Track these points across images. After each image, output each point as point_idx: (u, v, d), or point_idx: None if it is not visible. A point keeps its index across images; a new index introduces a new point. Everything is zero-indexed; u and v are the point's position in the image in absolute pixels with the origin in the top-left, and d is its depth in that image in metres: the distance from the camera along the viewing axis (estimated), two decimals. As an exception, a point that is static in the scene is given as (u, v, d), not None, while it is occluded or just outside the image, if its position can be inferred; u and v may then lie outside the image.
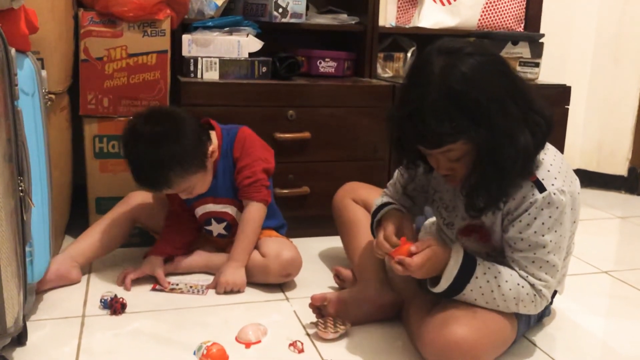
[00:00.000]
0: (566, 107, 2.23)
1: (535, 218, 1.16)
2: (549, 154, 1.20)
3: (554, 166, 1.18)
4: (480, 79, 1.08)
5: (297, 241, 1.69)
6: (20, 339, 1.22)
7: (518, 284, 1.18)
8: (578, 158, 2.78)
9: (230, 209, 1.64)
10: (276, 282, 1.56)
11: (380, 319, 1.40)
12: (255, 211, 1.60)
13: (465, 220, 1.28)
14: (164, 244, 1.60)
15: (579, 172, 2.78)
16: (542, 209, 1.15)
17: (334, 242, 1.79)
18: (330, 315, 1.35)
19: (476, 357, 1.15)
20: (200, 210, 1.65)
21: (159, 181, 1.46)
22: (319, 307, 1.37)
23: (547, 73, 2.37)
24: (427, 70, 1.10)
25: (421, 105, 1.07)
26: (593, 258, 1.89)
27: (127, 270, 1.56)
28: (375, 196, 1.48)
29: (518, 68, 2.24)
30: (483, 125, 1.07)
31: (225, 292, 1.52)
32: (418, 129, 1.09)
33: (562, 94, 2.22)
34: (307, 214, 1.91)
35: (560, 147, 2.26)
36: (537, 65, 2.27)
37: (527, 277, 1.19)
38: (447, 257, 1.18)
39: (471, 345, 1.14)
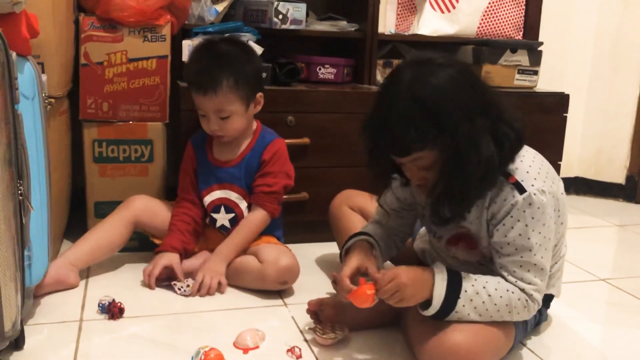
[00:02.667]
0: (564, 115, 2.24)
1: (518, 220, 1.17)
2: (527, 155, 1.21)
3: (533, 167, 1.19)
4: (448, 89, 1.10)
5: (295, 247, 1.69)
6: (17, 343, 1.22)
7: (507, 290, 1.18)
8: (576, 166, 2.79)
9: (242, 204, 1.66)
10: (273, 288, 1.56)
11: (377, 325, 1.40)
12: (259, 218, 1.62)
13: (452, 230, 1.28)
14: (175, 239, 1.60)
15: (577, 180, 2.80)
16: (524, 211, 1.16)
17: (333, 248, 1.79)
18: (328, 320, 1.35)
19: None
20: (213, 196, 1.66)
21: (211, 77, 1.54)
22: (316, 312, 1.37)
23: (546, 81, 2.39)
24: (397, 80, 1.13)
25: (389, 114, 1.10)
26: (591, 265, 1.89)
27: (147, 270, 1.57)
28: (372, 203, 1.48)
29: (517, 76, 2.26)
30: (448, 133, 1.09)
31: (202, 289, 1.52)
32: (387, 137, 1.12)
33: (560, 101, 2.23)
34: (305, 220, 1.91)
35: (559, 154, 2.27)
36: (535, 73, 2.28)
37: (516, 282, 1.19)
38: (429, 279, 1.17)
39: (468, 352, 1.14)
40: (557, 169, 2.28)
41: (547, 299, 1.39)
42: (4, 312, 1.05)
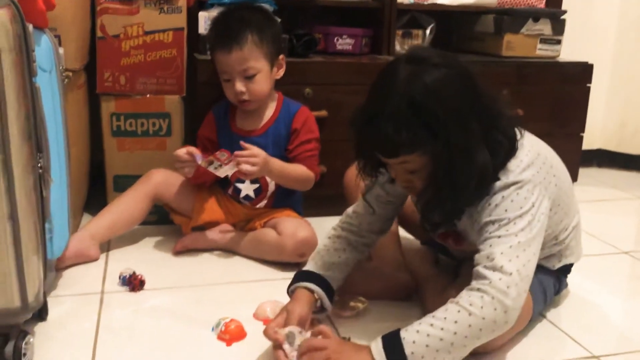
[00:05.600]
0: (588, 85, 2.19)
1: (489, 204, 1.10)
2: (519, 154, 1.14)
3: (514, 160, 1.12)
4: (442, 92, 1.04)
5: (312, 220, 1.69)
6: (41, 314, 1.23)
7: (459, 311, 1.01)
8: (598, 137, 2.73)
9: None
10: (291, 260, 1.56)
11: (394, 298, 1.39)
12: (307, 172, 1.64)
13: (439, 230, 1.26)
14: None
15: (600, 152, 2.75)
16: (496, 194, 1.10)
17: (351, 221, 1.78)
18: (344, 292, 1.35)
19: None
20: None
21: (235, 33, 1.54)
22: None
23: (569, 50, 2.33)
24: (391, 77, 1.06)
25: (381, 112, 1.04)
26: (613, 238, 1.87)
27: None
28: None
29: (539, 45, 2.21)
30: (440, 139, 1.03)
31: (248, 158, 1.49)
32: (376, 135, 1.06)
33: (584, 71, 2.19)
34: (323, 193, 1.90)
35: (581, 126, 2.23)
36: (558, 42, 2.23)
37: (479, 268, 1.05)
38: (363, 348, 1.04)
39: None
40: (580, 141, 2.25)
41: (566, 267, 1.37)
42: (27, 283, 1.06)
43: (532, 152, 1.16)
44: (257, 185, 1.66)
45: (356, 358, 1.02)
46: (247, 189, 1.67)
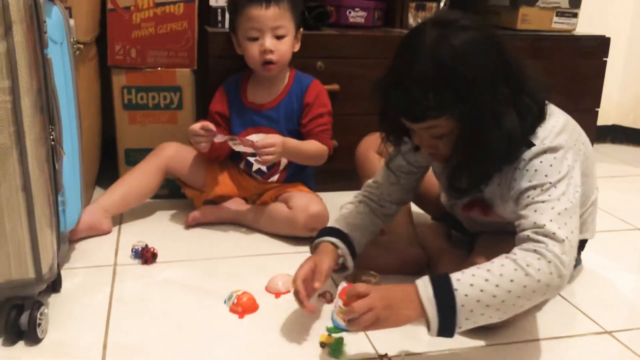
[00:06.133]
0: (604, 59, 2.16)
1: (527, 170, 1.08)
2: (549, 120, 1.13)
3: (546, 124, 1.11)
4: (470, 54, 1.02)
5: (324, 195, 1.68)
6: (55, 285, 1.25)
7: (515, 270, 0.98)
8: (614, 112, 2.70)
9: None
10: (302, 235, 1.56)
11: (401, 274, 1.39)
12: (321, 147, 1.64)
13: (464, 201, 1.24)
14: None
15: (614, 128, 2.72)
16: (533, 159, 1.08)
17: (362, 196, 1.78)
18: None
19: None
20: (250, 139, 1.65)
21: None
22: None
23: (586, 24, 2.28)
24: (418, 40, 1.04)
25: (408, 75, 1.02)
26: (627, 215, 1.85)
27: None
28: (380, 163, 1.44)
29: (555, 18, 2.17)
30: (469, 103, 1.01)
31: (263, 150, 1.50)
32: (402, 99, 1.04)
33: (600, 45, 2.15)
34: (334, 168, 1.89)
35: (597, 101, 2.19)
36: (574, 15, 2.19)
37: (534, 223, 1.03)
38: (409, 292, 1.00)
39: None
40: (594, 116, 2.22)
41: (581, 244, 1.37)
42: (41, 255, 1.07)
43: (563, 118, 1.15)
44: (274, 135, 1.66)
45: (404, 310, 0.98)
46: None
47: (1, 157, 1.00)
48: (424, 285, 0.99)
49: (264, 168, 1.67)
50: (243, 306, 1.22)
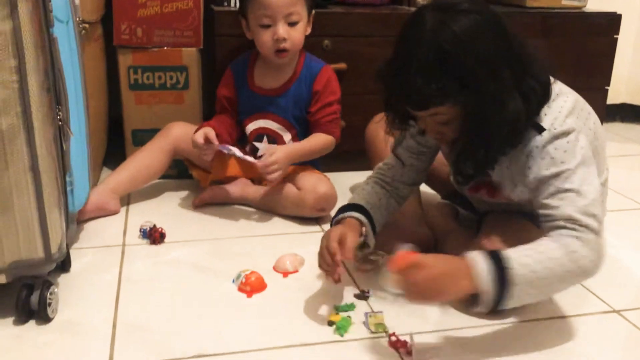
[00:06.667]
0: (615, 36, 2.13)
1: (542, 158, 1.08)
2: (556, 100, 1.12)
3: (554, 106, 1.10)
4: (472, 39, 1.00)
5: (331, 176, 1.68)
6: (64, 265, 1.25)
7: (565, 255, 1.01)
8: (624, 91, 2.67)
9: (285, 135, 1.65)
10: (311, 215, 1.56)
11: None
12: (327, 138, 1.63)
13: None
14: (211, 121, 1.59)
15: (624, 107, 2.69)
16: (547, 146, 1.07)
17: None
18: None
19: None
20: (256, 125, 1.65)
21: None
22: None
23: (596, 0, 2.25)
24: (418, 26, 1.02)
25: (409, 63, 1.01)
26: (636, 194, 1.84)
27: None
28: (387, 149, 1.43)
29: (565, -5, 2.13)
30: (471, 89, 1.00)
31: (268, 170, 1.49)
32: (404, 88, 1.03)
33: (611, 22, 2.11)
34: (342, 149, 1.88)
35: (607, 79, 2.17)
36: (585, -8, 2.16)
37: (559, 211, 1.05)
38: (465, 264, 1.01)
39: None
40: (605, 94, 2.19)
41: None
42: (50, 235, 1.07)
43: (571, 98, 1.13)
44: (274, 146, 1.65)
45: (461, 280, 0.99)
46: (264, 149, 1.66)
47: (9, 137, 1.00)
48: (480, 259, 1.00)
49: None
50: (251, 285, 1.22)
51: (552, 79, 1.12)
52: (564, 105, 1.11)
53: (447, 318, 1.16)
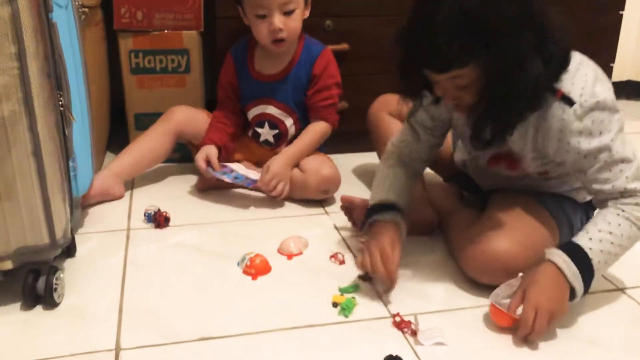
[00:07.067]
0: (620, 12, 2.10)
1: (581, 132, 1.08)
2: (572, 65, 1.11)
3: (578, 77, 1.09)
4: (496, 0, 0.99)
5: (335, 157, 1.68)
6: (69, 250, 1.26)
7: (618, 214, 1.08)
8: (629, 68, 2.64)
9: (287, 121, 1.64)
10: (315, 197, 1.56)
11: (412, 235, 1.39)
12: (323, 128, 1.62)
13: (493, 150, 1.23)
14: (213, 133, 1.59)
15: (629, 84, 2.67)
16: (583, 120, 1.07)
17: (372, 158, 1.77)
18: (360, 220, 1.35)
19: (517, 270, 1.14)
20: (257, 111, 1.64)
21: None
22: (348, 209, 1.38)
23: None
24: None
25: (431, 23, 0.99)
26: (641, 171, 1.83)
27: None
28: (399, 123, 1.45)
29: (570, -30, 2.10)
30: (494, 49, 0.99)
31: (269, 187, 1.51)
32: (426, 49, 1.01)
33: (616, -2, 2.09)
34: (344, 130, 1.87)
35: (612, 56, 2.14)
36: (590, -33, 2.12)
37: (612, 187, 1.09)
38: (553, 272, 1.07)
39: (513, 259, 1.14)
40: (610, 71, 2.17)
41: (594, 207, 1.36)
42: (54, 220, 1.08)
43: (592, 66, 1.13)
44: (276, 131, 1.65)
45: (561, 292, 1.06)
46: (266, 134, 1.66)
47: (11, 123, 1.00)
48: (564, 262, 1.07)
49: (271, 139, 1.66)
50: (256, 268, 1.23)
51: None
52: (588, 73, 1.10)
53: (451, 298, 1.17)
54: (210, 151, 1.55)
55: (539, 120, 1.11)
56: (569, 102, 1.07)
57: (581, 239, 1.08)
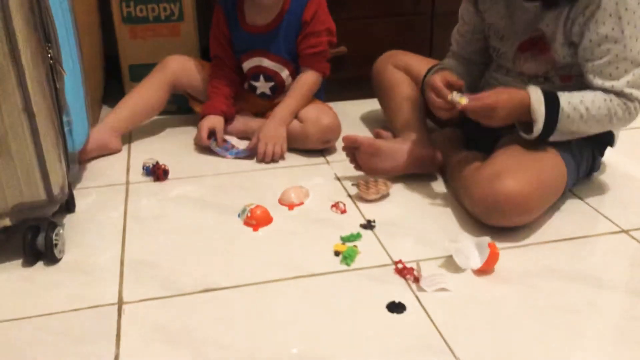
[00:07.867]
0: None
1: (610, 14, 1.12)
2: None
3: None
4: None
5: (335, 105, 1.65)
6: (68, 206, 1.25)
7: (605, 100, 1.16)
8: None
9: (282, 72, 1.60)
10: (315, 147, 1.54)
11: (414, 172, 1.38)
12: (311, 79, 1.57)
13: (526, 34, 1.25)
14: (218, 102, 1.56)
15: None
16: (617, 4, 1.11)
17: (373, 105, 1.74)
18: (363, 164, 1.35)
19: (527, 210, 1.15)
20: (251, 63, 1.60)
21: None
22: (352, 150, 1.36)
23: None
24: None
25: None
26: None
27: (196, 138, 1.58)
28: (418, 62, 1.48)
29: None
30: None
31: (266, 157, 1.50)
32: None
33: None
34: (344, 76, 1.84)
35: None
36: None
37: (612, 86, 1.16)
38: (523, 97, 1.17)
39: (523, 198, 1.13)
40: None
41: (601, 147, 1.34)
42: (50, 176, 1.06)
43: None
44: (272, 84, 1.61)
45: (516, 94, 1.17)
46: (262, 87, 1.62)
47: (-1, 78, 0.97)
48: (535, 91, 1.17)
49: (267, 92, 1.63)
50: (257, 219, 1.22)
51: None
52: None
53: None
54: (216, 123, 1.53)
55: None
56: None
57: (562, 95, 1.17)
